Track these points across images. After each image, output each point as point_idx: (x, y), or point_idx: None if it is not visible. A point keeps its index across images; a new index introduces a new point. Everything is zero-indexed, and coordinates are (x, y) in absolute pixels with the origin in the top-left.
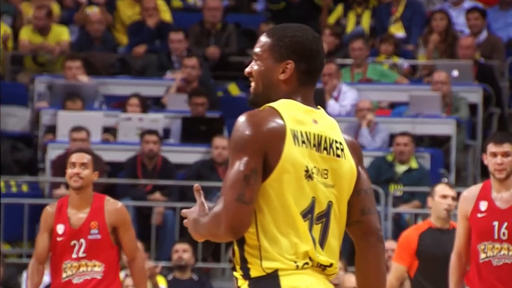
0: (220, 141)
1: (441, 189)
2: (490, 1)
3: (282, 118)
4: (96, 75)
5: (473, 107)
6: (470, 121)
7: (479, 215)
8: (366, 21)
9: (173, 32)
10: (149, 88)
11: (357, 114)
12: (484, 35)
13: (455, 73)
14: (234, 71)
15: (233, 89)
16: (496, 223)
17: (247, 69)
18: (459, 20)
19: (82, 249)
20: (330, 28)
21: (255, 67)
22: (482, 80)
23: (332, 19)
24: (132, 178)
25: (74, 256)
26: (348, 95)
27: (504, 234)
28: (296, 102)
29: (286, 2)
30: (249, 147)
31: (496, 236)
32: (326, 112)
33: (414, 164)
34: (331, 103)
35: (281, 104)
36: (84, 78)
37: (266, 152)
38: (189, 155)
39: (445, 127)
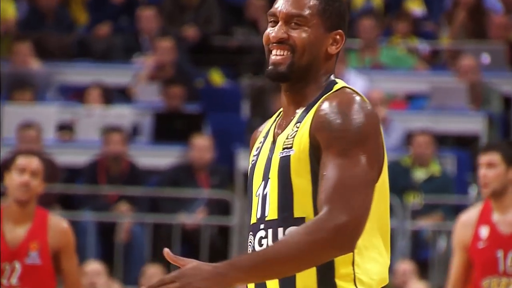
0: (200, 141)
1: None
2: None
3: None
4: (50, 60)
5: (507, 100)
6: (504, 116)
7: (480, 245)
8: None
9: (143, 7)
10: (114, 75)
11: None
12: None
13: (486, 58)
14: (217, 54)
15: (216, 76)
16: (501, 253)
17: (280, 34)
18: None
19: (15, 276)
20: None
21: (304, 35)
22: None
23: None
24: (93, 186)
25: (4, 282)
26: (356, 84)
27: (511, 265)
28: None
29: None
30: (373, 140)
31: (502, 269)
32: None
33: (436, 169)
34: None
35: (353, 88)
36: (34, 64)
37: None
38: (163, 157)
39: (473, 124)
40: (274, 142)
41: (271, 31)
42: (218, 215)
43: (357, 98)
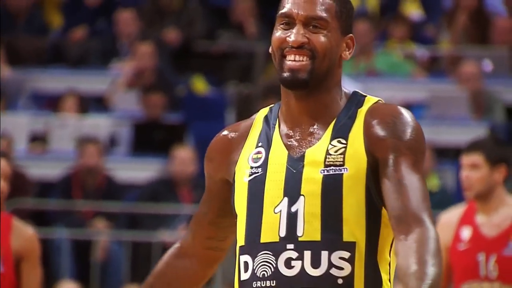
0: (182, 153)
1: None
2: None
3: None
4: (21, 66)
5: (510, 109)
6: (507, 126)
7: (461, 247)
8: None
9: (121, 10)
10: (90, 82)
11: None
12: None
13: (488, 65)
14: (200, 60)
15: (199, 84)
16: (482, 256)
17: (301, 38)
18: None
19: None
20: None
21: (324, 39)
22: None
23: None
24: (67, 201)
25: None
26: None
27: (493, 270)
28: None
29: None
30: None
31: (483, 273)
32: None
33: (434, 184)
34: None
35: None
36: (5, 70)
37: None
38: (142, 170)
39: (475, 135)
40: (294, 155)
41: (288, 34)
42: None
43: (404, 109)
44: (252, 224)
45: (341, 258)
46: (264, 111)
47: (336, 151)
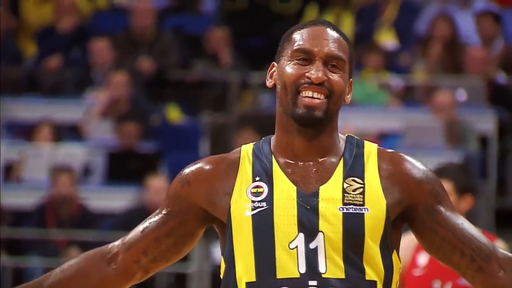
0: (156, 182)
1: None
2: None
3: None
4: None
5: (484, 139)
6: (481, 156)
7: (417, 272)
8: (348, 25)
9: (95, 39)
10: (64, 111)
11: None
12: (499, 45)
13: (462, 94)
14: (174, 89)
15: (174, 113)
16: (437, 284)
17: (321, 75)
18: (468, 26)
19: None
20: None
21: (340, 80)
22: (497, 104)
23: None
24: (41, 230)
25: None
26: None
27: None
28: None
29: (249, 1)
30: None
31: None
32: None
33: None
34: None
35: None
36: None
37: None
38: (116, 200)
39: None
40: (305, 191)
41: (307, 70)
42: (176, 261)
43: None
44: (264, 260)
45: None
46: (248, 147)
47: (354, 190)
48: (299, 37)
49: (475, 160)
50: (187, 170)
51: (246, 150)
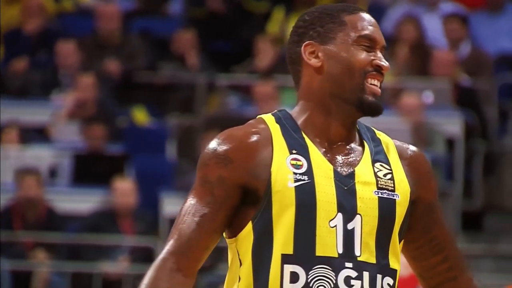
0: (123, 184)
1: None
2: (474, 1)
3: None
4: None
5: (451, 141)
6: (448, 158)
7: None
8: None
9: (62, 41)
10: (31, 114)
11: None
12: (466, 47)
13: (429, 96)
14: (141, 91)
15: (141, 115)
16: None
17: (387, 64)
18: (435, 28)
19: None
20: (269, 37)
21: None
22: (464, 106)
23: (274, 26)
24: (7, 232)
25: None
26: None
27: None
28: None
29: (208, 11)
30: None
31: None
32: None
33: None
34: None
35: None
36: None
37: None
38: (83, 202)
39: None
40: (341, 172)
41: (375, 58)
42: (142, 263)
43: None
44: (303, 234)
45: (388, 284)
46: (269, 119)
47: (384, 175)
48: (360, 23)
49: (442, 162)
50: (222, 148)
51: (270, 122)
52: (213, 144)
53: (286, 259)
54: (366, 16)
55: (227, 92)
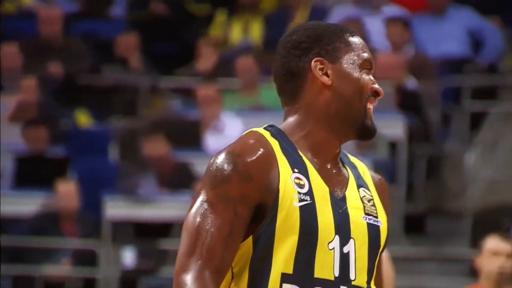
0: (65, 187)
1: (492, 243)
2: (416, 4)
3: None
4: None
5: (394, 144)
6: (391, 162)
7: None
8: (257, 31)
9: (3, 43)
10: None
11: None
12: (409, 51)
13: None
14: (84, 94)
15: (83, 118)
16: None
17: (382, 90)
18: (378, 31)
19: None
20: (211, 40)
21: None
22: (407, 109)
23: (216, 29)
24: None
25: None
26: (233, 127)
27: None
28: None
29: (151, 13)
30: None
31: None
32: (204, 148)
33: None
34: (210, 137)
35: None
36: None
37: None
38: (25, 204)
39: None
40: (336, 194)
41: (375, 82)
42: (84, 266)
43: None
44: (304, 255)
45: None
46: (266, 134)
47: (368, 201)
48: (361, 46)
49: (384, 166)
50: (242, 164)
51: (268, 136)
52: (228, 159)
53: (285, 278)
54: (361, 39)
55: (170, 95)
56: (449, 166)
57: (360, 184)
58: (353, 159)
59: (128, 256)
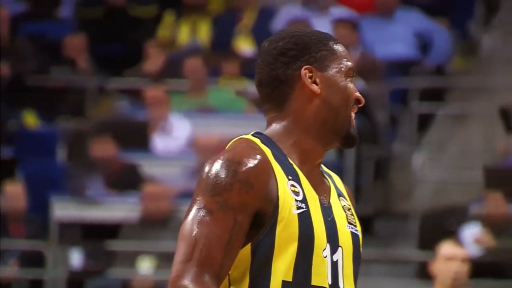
0: (12, 188)
1: (446, 249)
2: (364, 6)
3: None
4: None
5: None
6: (339, 164)
7: None
8: (204, 32)
9: None
10: None
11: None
12: (357, 52)
13: None
14: (31, 95)
15: (31, 119)
16: None
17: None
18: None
19: None
20: (159, 41)
21: None
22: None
23: (164, 31)
24: None
25: None
26: (180, 129)
27: None
28: None
29: (99, 14)
30: None
31: None
32: (152, 149)
33: None
34: (157, 138)
35: None
36: None
37: None
38: None
39: None
40: (324, 203)
41: (357, 92)
42: (32, 267)
43: None
44: (302, 262)
45: None
46: (257, 141)
47: (348, 210)
48: (345, 54)
49: (332, 168)
50: (242, 172)
51: (259, 144)
52: (228, 167)
53: (285, 285)
54: (344, 47)
55: (117, 96)
56: (397, 167)
57: (339, 193)
58: (325, 168)
59: (76, 257)
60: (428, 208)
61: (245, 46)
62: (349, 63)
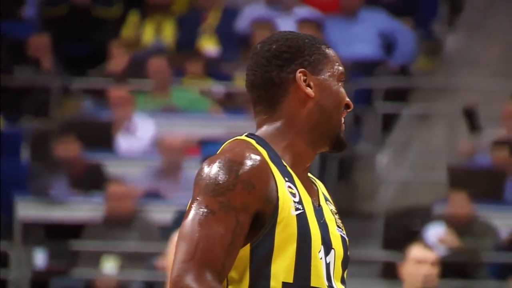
0: None
1: (416, 252)
2: (328, 6)
3: None
4: None
5: None
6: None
7: None
8: (169, 32)
9: None
10: None
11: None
12: None
13: None
14: None
15: None
16: None
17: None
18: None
19: None
20: (123, 41)
21: None
22: None
23: (128, 31)
24: None
25: None
26: (144, 128)
27: None
28: None
29: (63, 14)
30: None
31: None
32: (116, 149)
33: None
34: (121, 138)
35: None
36: None
37: None
38: None
39: None
40: (316, 205)
41: (346, 95)
42: None
43: None
44: (302, 263)
45: None
46: (253, 142)
47: (335, 213)
48: (337, 59)
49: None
50: (244, 173)
51: (255, 145)
52: (230, 167)
53: (286, 286)
54: (335, 52)
55: (81, 96)
56: (361, 167)
57: (325, 197)
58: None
59: (40, 257)
60: (392, 208)
61: (209, 46)
62: (341, 68)
